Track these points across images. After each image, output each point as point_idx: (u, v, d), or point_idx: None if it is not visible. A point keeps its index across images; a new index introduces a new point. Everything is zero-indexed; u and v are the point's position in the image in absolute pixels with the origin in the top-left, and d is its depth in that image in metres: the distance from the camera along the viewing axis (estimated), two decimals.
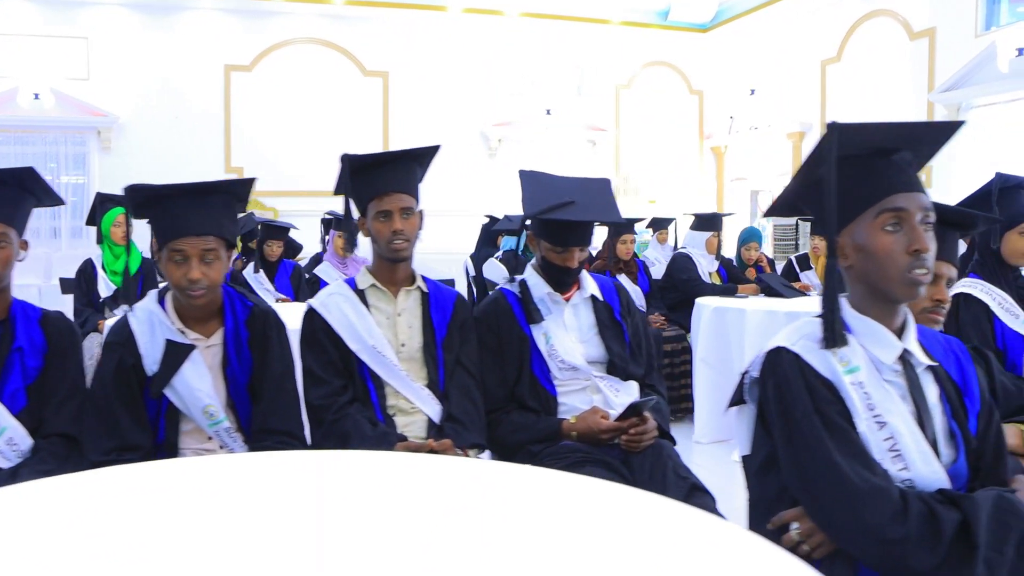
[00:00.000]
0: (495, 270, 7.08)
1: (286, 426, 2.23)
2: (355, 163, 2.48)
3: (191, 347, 2.18)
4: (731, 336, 4.74)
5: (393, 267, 2.50)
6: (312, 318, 2.44)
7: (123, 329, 2.19)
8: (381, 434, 2.25)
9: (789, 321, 4.47)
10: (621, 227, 5.71)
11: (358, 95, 12.58)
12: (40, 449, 2.08)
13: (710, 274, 5.88)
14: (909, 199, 1.54)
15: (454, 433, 2.32)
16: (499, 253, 7.58)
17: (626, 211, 8.88)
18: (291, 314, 2.60)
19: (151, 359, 2.16)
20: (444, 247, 10.62)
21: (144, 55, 11.83)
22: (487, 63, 12.81)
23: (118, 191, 2.58)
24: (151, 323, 2.18)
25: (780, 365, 1.58)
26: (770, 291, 5.49)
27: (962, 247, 2.89)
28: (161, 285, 2.38)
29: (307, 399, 2.37)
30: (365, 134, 12.58)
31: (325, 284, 5.41)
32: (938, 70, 9.63)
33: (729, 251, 7.90)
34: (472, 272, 7.20)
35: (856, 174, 1.57)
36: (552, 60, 13.01)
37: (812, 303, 5.20)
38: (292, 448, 2.17)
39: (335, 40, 12.46)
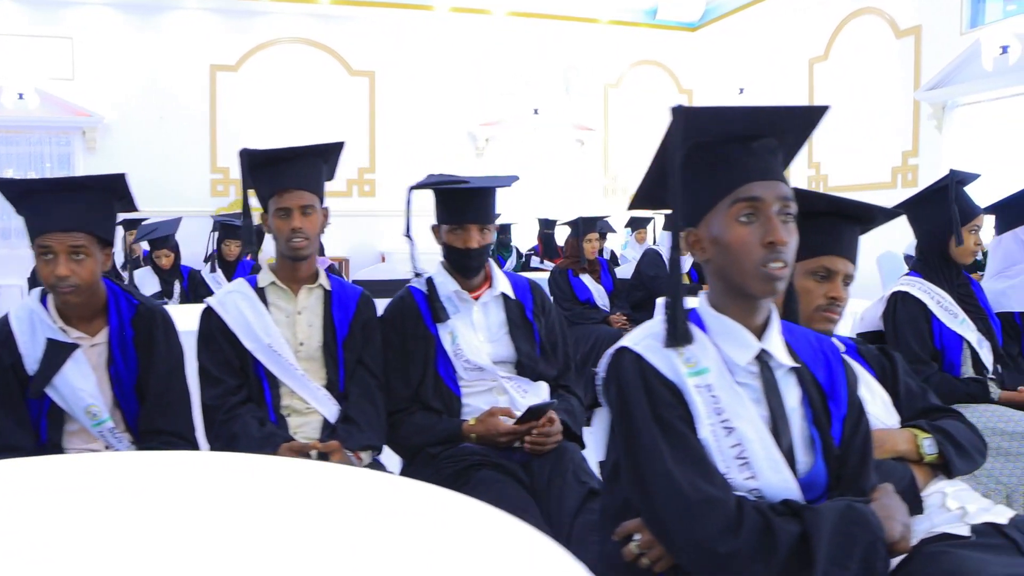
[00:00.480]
0: None
1: (173, 426, 2.18)
2: (254, 159, 2.42)
3: (74, 346, 2.12)
4: None
5: (294, 265, 2.43)
6: (209, 317, 2.39)
7: (2, 328, 2.12)
8: (267, 435, 2.20)
9: None
10: (587, 225, 5.64)
11: (344, 95, 12.53)
12: None
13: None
14: (765, 188, 1.44)
15: (346, 434, 2.26)
16: None
17: (614, 211, 8.83)
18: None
19: (31, 358, 2.11)
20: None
21: (129, 55, 11.79)
22: (474, 63, 12.75)
23: None
24: (31, 322, 2.13)
25: (622, 366, 1.49)
26: None
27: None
28: None
29: (201, 399, 2.33)
30: (352, 134, 12.51)
31: None
32: (924, 68, 9.53)
33: None
34: None
35: (711, 162, 1.48)
36: (540, 59, 12.94)
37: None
38: (178, 448, 2.12)
39: (321, 40, 12.41)
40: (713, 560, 1.32)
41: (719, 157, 1.48)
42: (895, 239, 6.71)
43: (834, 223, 1.93)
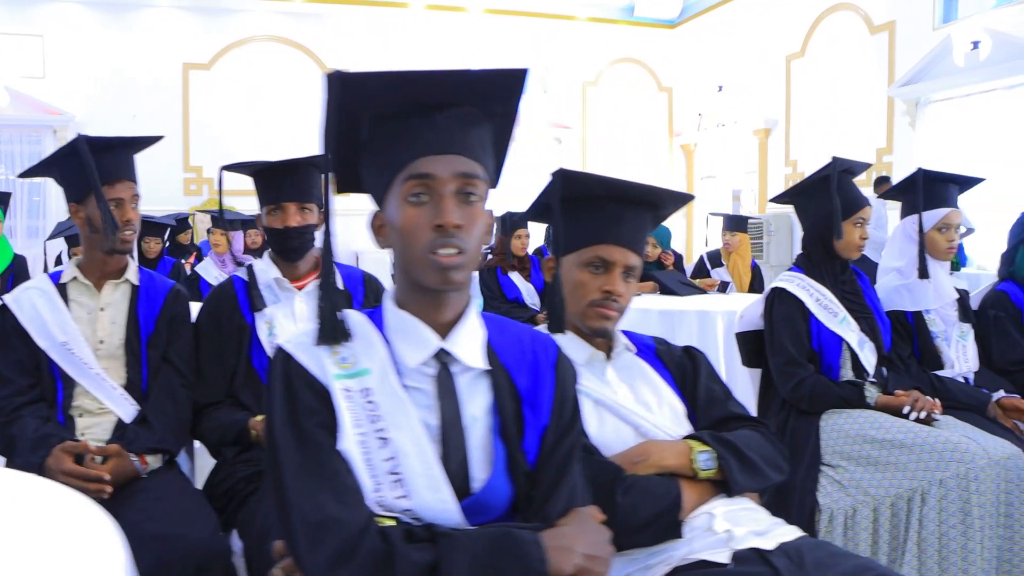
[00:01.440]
0: None
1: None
2: (91, 145, 2.27)
3: None
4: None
5: (104, 259, 2.30)
6: (3, 315, 2.26)
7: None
8: (42, 436, 2.06)
9: (661, 320, 4.27)
10: (516, 221, 5.48)
11: (319, 93, 12.36)
12: None
13: None
14: (440, 163, 1.26)
15: (135, 436, 2.13)
16: None
17: None
18: None
19: None
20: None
21: (101, 53, 11.69)
22: (450, 61, 12.58)
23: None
24: None
25: (273, 365, 1.31)
26: (664, 288, 5.24)
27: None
28: None
29: None
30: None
31: (205, 282, 5.26)
32: (898, 64, 9.36)
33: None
34: None
35: (389, 135, 1.30)
36: (517, 57, 12.75)
37: (706, 301, 4.95)
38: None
39: (295, 38, 12.30)
40: None
41: (395, 130, 1.29)
42: None
43: (612, 208, 1.76)
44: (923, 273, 2.90)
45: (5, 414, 2.13)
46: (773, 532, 1.57)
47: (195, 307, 2.48)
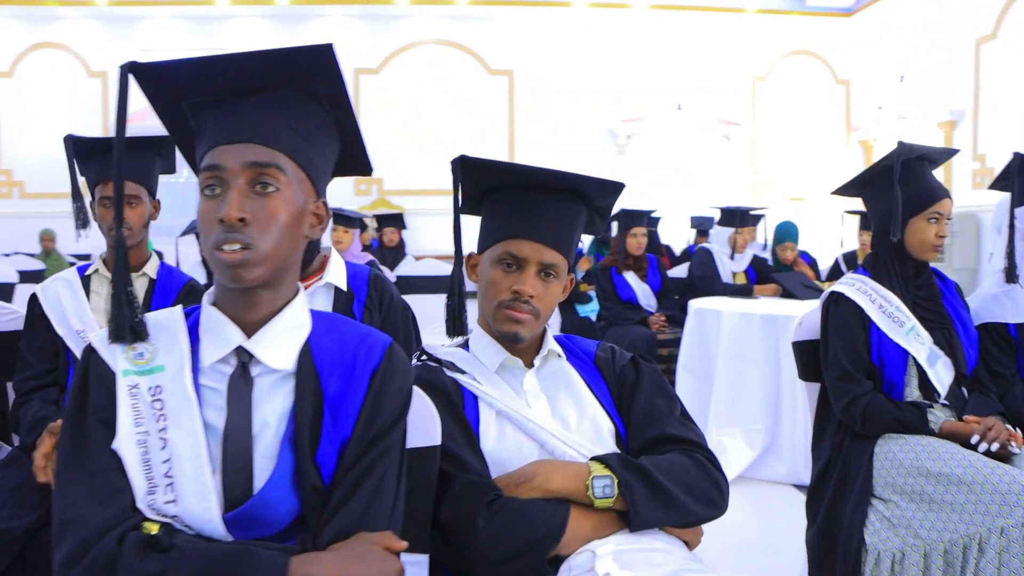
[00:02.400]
0: None
1: None
2: (80, 146, 2.43)
3: None
4: (710, 341, 4.19)
5: None
6: (32, 303, 2.42)
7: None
8: (39, 419, 2.17)
9: (764, 325, 3.92)
10: (631, 219, 5.21)
11: (483, 94, 12.55)
12: None
13: (735, 274, 5.26)
14: (228, 153, 1.17)
15: None
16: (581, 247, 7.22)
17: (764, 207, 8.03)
18: None
19: None
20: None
21: None
22: (615, 58, 12.41)
23: None
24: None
25: (80, 359, 1.24)
26: (785, 292, 4.82)
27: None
28: None
29: (12, 382, 2.38)
30: (491, 133, 12.54)
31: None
32: None
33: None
34: None
35: (198, 125, 1.24)
36: (683, 53, 12.41)
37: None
38: None
39: (460, 40, 12.49)
40: None
41: (203, 119, 1.21)
42: None
43: (524, 199, 1.57)
44: (1010, 276, 2.46)
45: (20, 395, 2.31)
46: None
47: None
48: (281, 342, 1.23)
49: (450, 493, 1.39)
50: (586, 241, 8.62)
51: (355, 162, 1.39)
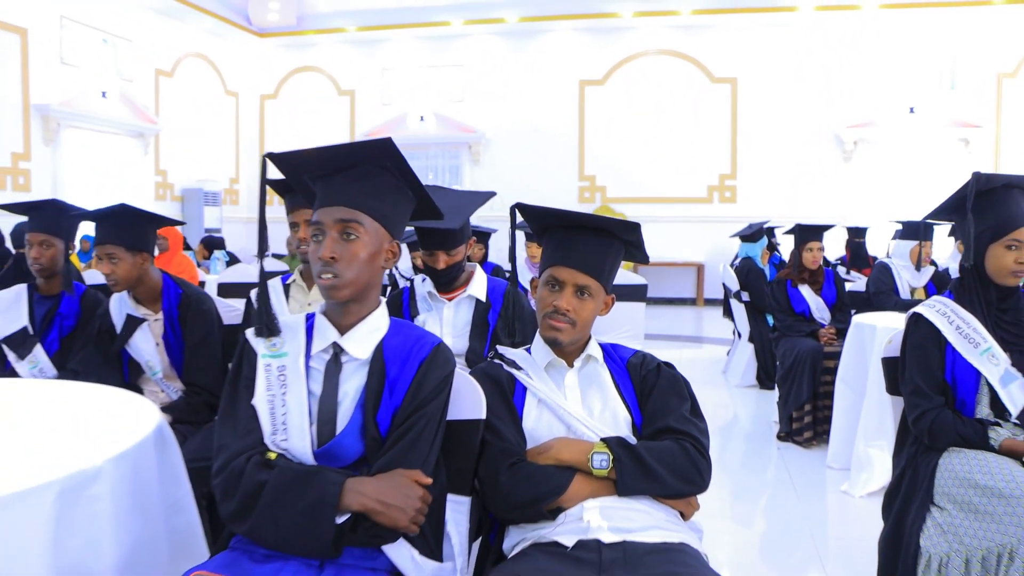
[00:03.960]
0: (729, 278, 6.89)
1: (200, 380, 2.98)
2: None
3: (141, 320, 2.99)
4: (866, 354, 4.26)
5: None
6: (248, 303, 3.00)
7: (104, 305, 3.09)
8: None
9: None
10: (807, 234, 5.30)
11: (706, 102, 12.67)
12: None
13: (914, 289, 5.19)
14: (325, 213, 1.71)
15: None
16: (735, 260, 7.31)
17: None
18: None
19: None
20: None
21: (508, 76, 13.15)
22: (841, 61, 12.12)
23: None
24: (120, 301, 3.03)
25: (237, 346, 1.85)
26: None
27: None
28: None
29: None
30: (713, 140, 12.64)
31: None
32: None
33: None
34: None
35: (314, 191, 1.80)
36: (917, 52, 11.88)
37: None
38: (201, 397, 2.98)
39: (683, 50, 12.69)
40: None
41: (314, 188, 1.80)
42: None
43: (563, 235, 2.01)
44: None
45: None
46: (638, 532, 1.74)
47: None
48: (364, 339, 1.78)
49: (486, 454, 1.87)
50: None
51: (427, 210, 1.91)
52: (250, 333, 1.82)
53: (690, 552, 1.74)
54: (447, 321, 3.02)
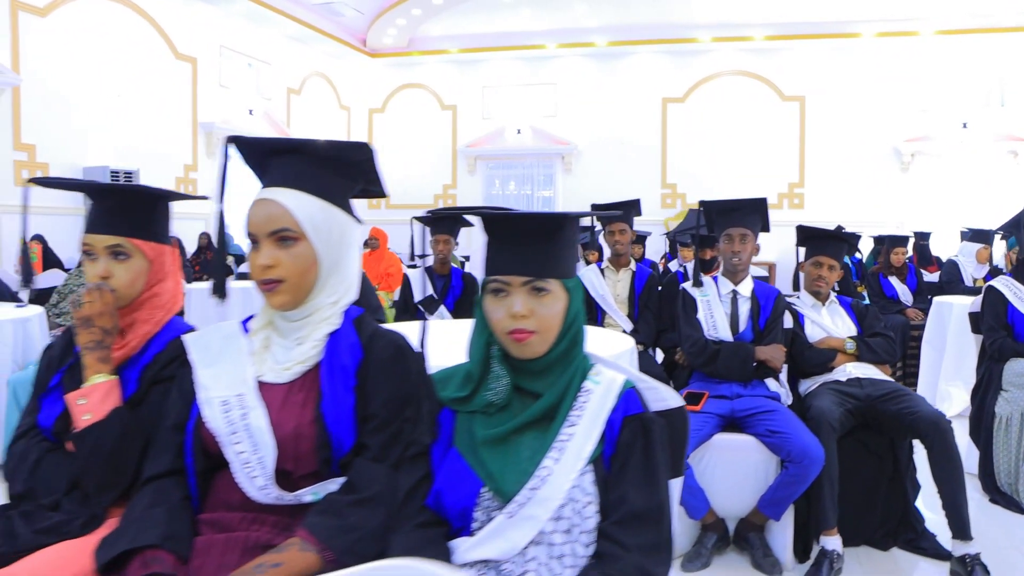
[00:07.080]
0: None
1: None
2: None
3: None
4: (944, 324, 5.78)
5: None
6: None
7: None
8: None
9: None
10: (895, 242, 6.83)
11: (776, 118, 14.07)
12: None
13: (975, 280, 6.69)
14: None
15: None
16: None
17: None
18: None
19: None
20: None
21: (597, 94, 14.67)
22: (900, 81, 13.44)
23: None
24: None
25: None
26: None
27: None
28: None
29: None
30: (783, 152, 14.06)
31: None
32: None
33: None
34: None
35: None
36: (968, 73, 13.18)
37: None
38: None
39: (756, 71, 14.10)
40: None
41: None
42: None
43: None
44: None
45: None
46: (868, 377, 3.29)
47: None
48: (745, 287, 3.49)
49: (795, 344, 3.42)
50: (865, 252, 10.09)
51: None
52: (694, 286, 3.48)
53: (903, 389, 3.19)
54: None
